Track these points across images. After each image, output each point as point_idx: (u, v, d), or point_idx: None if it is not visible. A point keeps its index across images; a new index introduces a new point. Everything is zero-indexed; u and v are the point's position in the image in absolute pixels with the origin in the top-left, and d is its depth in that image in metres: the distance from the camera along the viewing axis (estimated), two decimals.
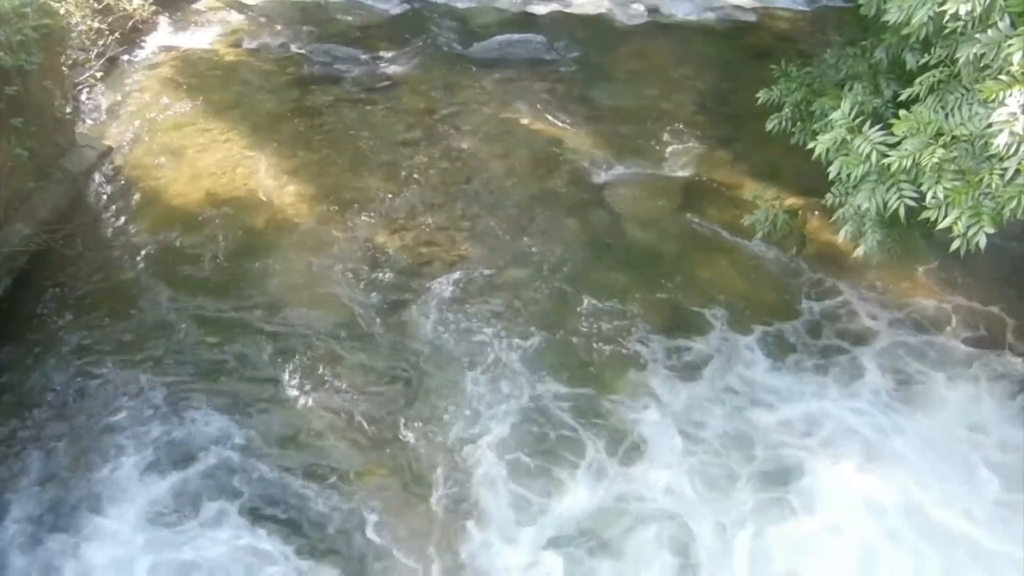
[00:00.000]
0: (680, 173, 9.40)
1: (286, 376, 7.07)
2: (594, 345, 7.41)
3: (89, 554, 5.79)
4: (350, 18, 12.26)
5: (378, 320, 7.60)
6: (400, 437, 6.67)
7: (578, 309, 7.74)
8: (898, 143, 4.88)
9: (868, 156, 5.03)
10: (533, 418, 6.80)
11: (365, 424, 6.75)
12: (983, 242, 4.51)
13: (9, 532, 5.88)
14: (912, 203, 4.92)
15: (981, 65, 4.60)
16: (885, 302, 7.83)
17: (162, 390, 6.86)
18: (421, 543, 5.99)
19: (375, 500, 6.22)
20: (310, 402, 6.91)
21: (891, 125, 4.98)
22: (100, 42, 9.95)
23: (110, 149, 9.35)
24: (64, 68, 8.88)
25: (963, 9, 4.50)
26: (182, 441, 6.51)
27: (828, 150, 5.37)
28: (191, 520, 6.00)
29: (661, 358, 7.29)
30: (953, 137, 4.73)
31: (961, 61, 4.71)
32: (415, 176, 9.24)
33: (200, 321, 7.48)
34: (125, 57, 10.89)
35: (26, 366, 6.99)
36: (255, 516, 6.06)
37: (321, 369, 7.14)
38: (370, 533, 6.03)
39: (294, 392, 6.97)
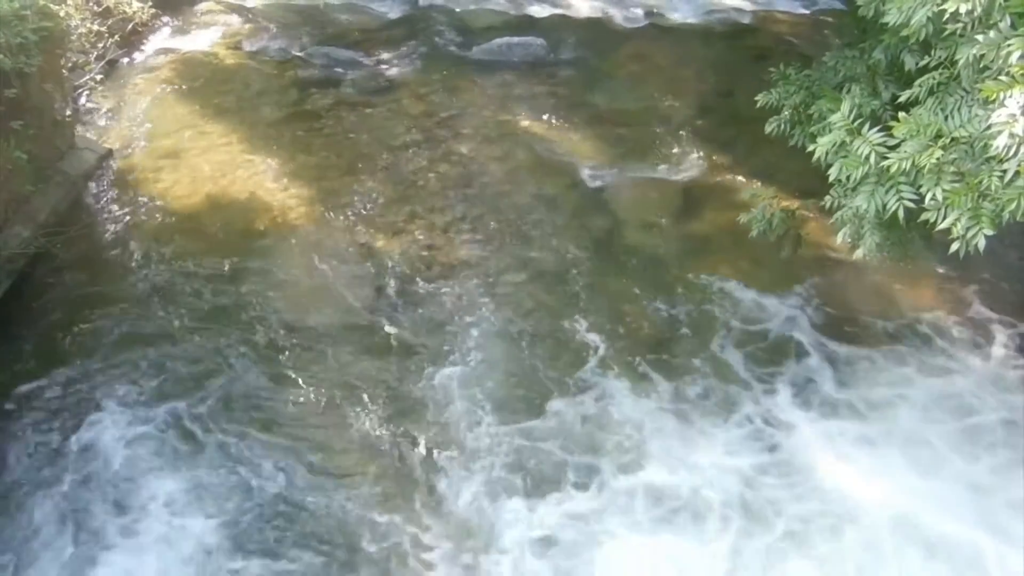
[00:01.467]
0: (679, 176, 9.40)
1: (287, 369, 7.17)
2: (596, 347, 7.42)
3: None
4: (350, 21, 12.24)
5: (376, 318, 7.63)
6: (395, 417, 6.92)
7: (578, 310, 7.74)
8: (897, 145, 4.87)
9: (867, 158, 5.01)
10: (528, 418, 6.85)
11: (363, 400, 6.98)
12: (982, 244, 4.49)
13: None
14: (911, 205, 4.91)
15: (981, 66, 4.58)
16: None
17: (160, 386, 6.97)
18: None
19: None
20: (311, 382, 7.13)
21: (890, 127, 4.97)
22: (100, 45, 9.93)
23: (109, 152, 9.35)
24: (64, 71, 8.88)
25: (963, 8, 4.47)
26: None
27: (827, 152, 5.35)
28: None
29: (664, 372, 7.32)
30: (952, 139, 4.71)
31: (961, 63, 4.68)
32: (415, 179, 9.23)
33: (198, 322, 7.49)
34: (125, 60, 10.89)
35: (24, 363, 7.05)
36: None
37: (321, 357, 7.28)
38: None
39: (294, 377, 7.13)
